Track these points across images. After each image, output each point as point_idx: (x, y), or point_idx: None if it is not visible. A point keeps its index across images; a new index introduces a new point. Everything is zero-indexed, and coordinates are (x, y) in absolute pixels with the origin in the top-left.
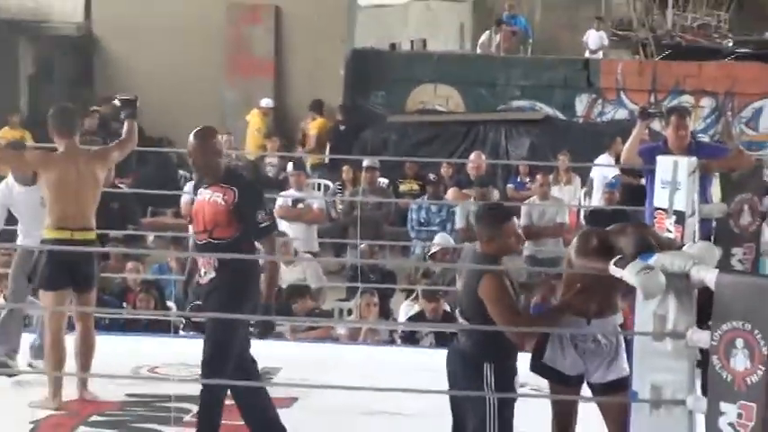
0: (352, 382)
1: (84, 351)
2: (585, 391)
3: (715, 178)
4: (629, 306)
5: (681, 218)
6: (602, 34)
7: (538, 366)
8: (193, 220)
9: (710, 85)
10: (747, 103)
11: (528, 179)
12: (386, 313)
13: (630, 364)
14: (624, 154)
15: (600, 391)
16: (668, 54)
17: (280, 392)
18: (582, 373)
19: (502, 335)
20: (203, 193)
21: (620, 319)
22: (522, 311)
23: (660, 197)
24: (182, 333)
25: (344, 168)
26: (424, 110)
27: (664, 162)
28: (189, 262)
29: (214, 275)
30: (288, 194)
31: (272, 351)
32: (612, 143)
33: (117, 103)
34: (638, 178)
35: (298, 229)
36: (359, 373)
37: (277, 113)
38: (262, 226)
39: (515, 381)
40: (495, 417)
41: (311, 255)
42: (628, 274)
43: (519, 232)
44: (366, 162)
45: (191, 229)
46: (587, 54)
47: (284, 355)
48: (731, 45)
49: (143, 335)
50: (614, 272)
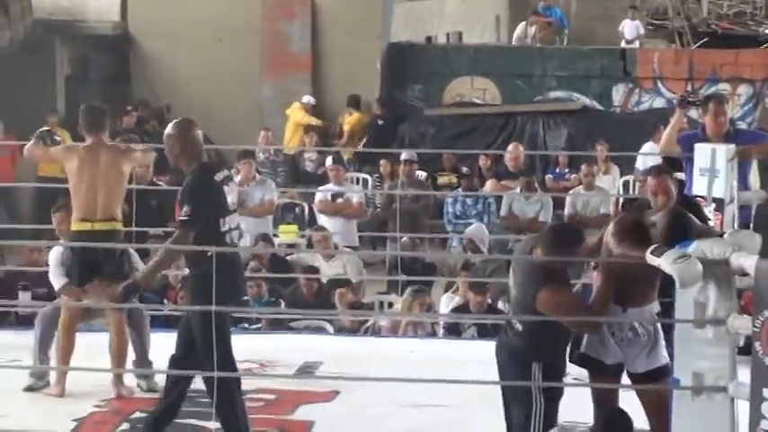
0: (394, 374)
1: (117, 346)
2: (625, 380)
3: (754, 165)
4: None
5: (720, 205)
6: (638, 23)
7: (577, 357)
8: None
9: (747, 73)
10: None
11: (567, 170)
12: (427, 306)
13: (671, 351)
14: (663, 142)
15: (639, 380)
16: (704, 42)
17: (321, 386)
18: (621, 362)
19: (552, 335)
20: None
21: (656, 307)
22: (582, 305)
23: (699, 185)
24: None
25: (382, 162)
26: (461, 102)
27: (702, 150)
28: None
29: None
30: (327, 189)
31: (314, 345)
32: (656, 131)
33: None
34: (678, 167)
35: (337, 223)
36: (401, 366)
37: (315, 109)
38: (180, 219)
39: (562, 379)
40: (541, 415)
41: (351, 249)
42: (664, 262)
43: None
44: (404, 155)
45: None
46: (623, 44)
47: (326, 350)
48: (767, 33)
49: None
50: (651, 260)
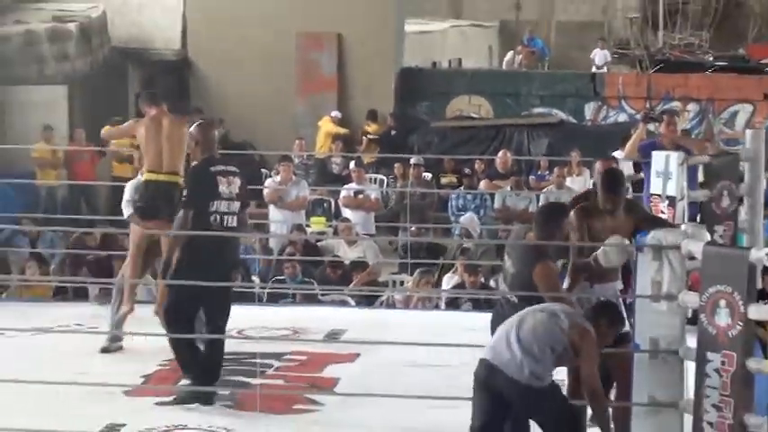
0: (406, 340)
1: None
2: None
3: (700, 168)
4: None
5: (672, 202)
6: (606, 52)
7: None
8: None
9: (695, 93)
10: (725, 108)
11: (546, 172)
12: (433, 284)
13: (632, 322)
14: (627, 150)
15: None
16: (660, 68)
17: (345, 349)
18: None
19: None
20: None
21: (619, 285)
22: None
23: (655, 184)
24: (264, 302)
25: (396, 165)
26: (460, 116)
27: (658, 156)
28: None
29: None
30: (350, 187)
31: (339, 315)
32: (624, 142)
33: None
34: (638, 169)
35: (358, 215)
36: (411, 333)
37: (341, 121)
38: (182, 200)
39: None
40: None
41: (369, 236)
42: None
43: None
44: (413, 160)
45: (271, 212)
46: (594, 68)
47: (349, 319)
48: (711, 60)
49: (232, 304)
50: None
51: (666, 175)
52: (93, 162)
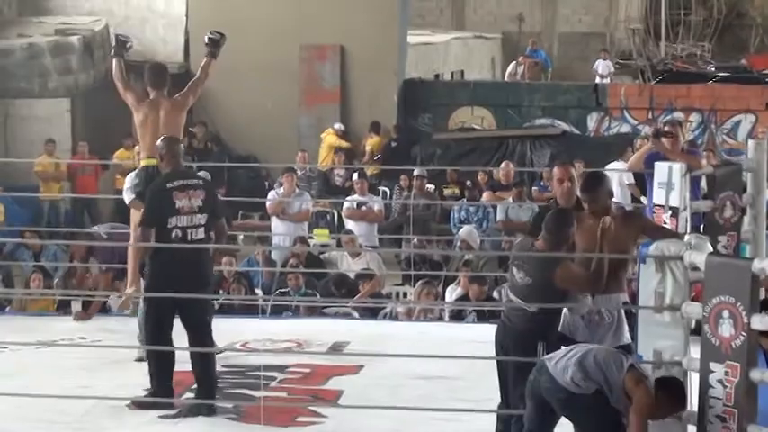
0: (409, 352)
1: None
2: None
3: (703, 179)
4: None
5: (675, 212)
6: (608, 63)
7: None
8: None
9: (698, 104)
10: (728, 118)
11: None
12: (436, 296)
13: (635, 333)
14: (631, 162)
15: None
16: (662, 78)
17: (349, 361)
18: (589, 340)
19: (555, 318)
20: None
21: (624, 297)
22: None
23: (658, 195)
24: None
25: (403, 177)
26: (463, 128)
27: (661, 167)
28: None
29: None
30: (353, 199)
31: (343, 327)
32: (624, 152)
33: (206, 40)
34: (641, 181)
35: (361, 227)
36: (414, 345)
37: (344, 133)
38: (142, 218)
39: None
40: None
41: (372, 248)
42: None
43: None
44: (416, 171)
45: (274, 224)
46: (597, 80)
47: (352, 331)
48: (713, 70)
49: (236, 316)
50: None
51: (669, 185)
52: (96, 175)
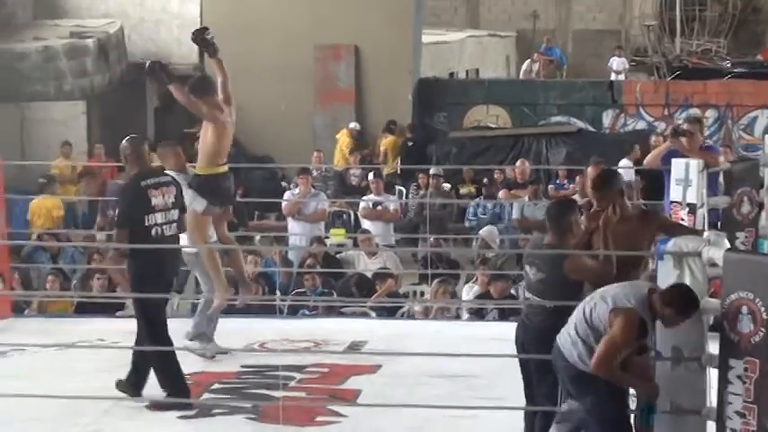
0: (426, 350)
1: (234, 257)
2: None
3: (721, 175)
4: None
5: (692, 209)
6: (623, 60)
7: None
8: None
9: (714, 99)
10: (744, 114)
11: (565, 181)
12: (452, 294)
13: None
14: (648, 159)
15: None
16: (678, 75)
17: (367, 361)
18: None
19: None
20: None
21: None
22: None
23: (675, 192)
24: (285, 314)
25: (421, 175)
26: (478, 126)
27: (678, 163)
28: None
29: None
30: (369, 198)
31: (360, 327)
32: (631, 150)
33: (196, 44)
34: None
35: (377, 226)
36: (431, 344)
37: (359, 133)
38: (115, 219)
39: None
40: None
41: (389, 247)
42: None
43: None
44: (432, 170)
45: (290, 225)
46: (612, 76)
47: (370, 331)
48: (729, 66)
49: (254, 317)
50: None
51: (686, 182)
52: (112, 177)
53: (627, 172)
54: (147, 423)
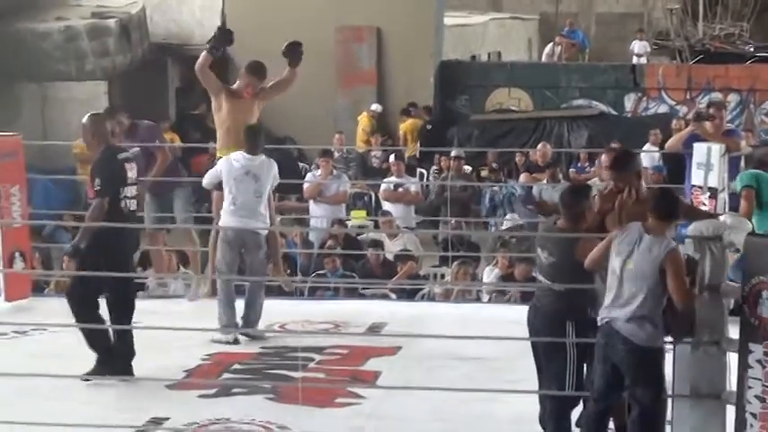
0: (446, 333)
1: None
2: None
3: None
4: None
5: (714, 193)
6: (645, 44)
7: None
8: None
9: (736, 84)
10: (766, 98)
11: (587, 164)
12: (473, 276)
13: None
14: (670, 142)
15: None
16: (700, 58)
17: (387, 342)
18: None
19: (582, 297)
20: None
21: None
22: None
23: (696, 176)
24: (305, 296)
25: (443, 158)
26: (500, 109)
27: (699, 148)
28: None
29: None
30: (390, 180)
31: (380, 309)
32: (654, 134)
33: (284, 49)
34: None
35: (398, 208)
36: (451, 326)
37: (380, 115)
38: (96, 189)
39: (589, 336)
40: (574, 369)
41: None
42: None
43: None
44: (453, 153)
45: (312, 207)
46: (634, 60)
47: (390, 312)
48: (752, 50)
49: (274, 298)
50: None
51: (708, 166)
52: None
53: (646, 156)
54: (168, 403)
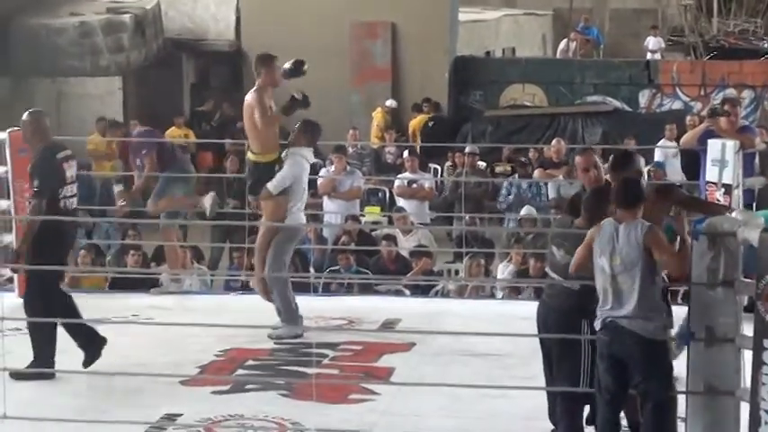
0: (460, 329)
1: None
2: None
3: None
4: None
5: (728, 189)
6: (660, 40)
7: None
8: None
9: (750, 80)
10: None
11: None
12: (487, 273)
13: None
14: (685, 140)
15: None
16: (714, 55)
17: (400, 339)
18: None
19: (596, 296)
20: None
21: None
22: None
23: (711, 172)
24: (319, 292)
25: (457, 154)
26: (514, 105)
27: (714, 144)
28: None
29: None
30: (404, 176)
31: (394, 305)
32: (669, 129)
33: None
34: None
35: (412, 204)
36: (465, 322)
37: (394, 111)
38: (34, 190)
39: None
40: (589, 367)
41: (423, 225)
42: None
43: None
44: (468, 149)
45: (325, 203)
46: (648, 56)
47: (404, 309)
48: (766, 46)
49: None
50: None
51: (723, 163)
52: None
53: (661, 152)
54: (181, 399)
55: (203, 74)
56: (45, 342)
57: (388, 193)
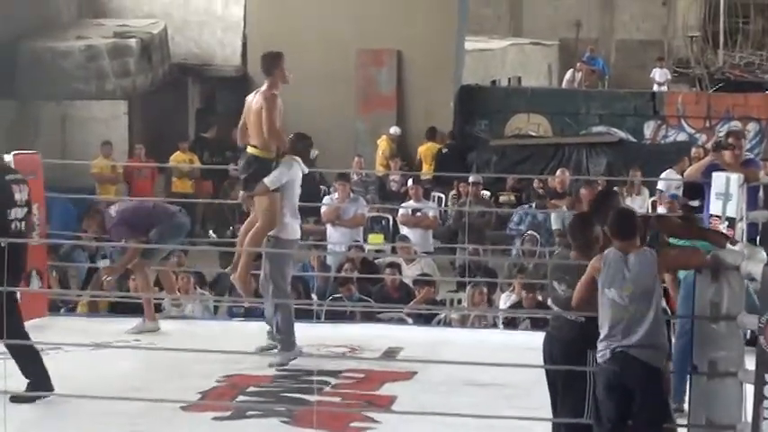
0: (462, 359)
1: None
2: None
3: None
4: None
5: (732, 222)
6: (666, 71)
7: None
8: None
9: (755, 113)
10: None
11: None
12: (490, 303)
13: (691, 344)
14: (690, 171)
15: None
16: (720, 87)
17: (402, 367)
18: None
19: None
20: None
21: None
22: None
23: (715, 206)
24: (321, 319)
25: (461, 183)
26: (519, 135)
27: (718, 177)
28: None
29: None
30: (408, 205)
31: (397, 333)
32: (679, 160)
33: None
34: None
35: (416, 233)
36: (467, 352)
37: (399, 139)
38: None
39: None
40: (594, 398)
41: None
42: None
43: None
44: (472, 178)
45: (329, 231)
46: (654, 87)
47: (406, 337)
48: None
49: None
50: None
51: (727, 196)
52: (152, 178)
53: (668, 184)
54: (182, 424)
55: (209, 99)
56: (30, 362)
57: (391, 221)
